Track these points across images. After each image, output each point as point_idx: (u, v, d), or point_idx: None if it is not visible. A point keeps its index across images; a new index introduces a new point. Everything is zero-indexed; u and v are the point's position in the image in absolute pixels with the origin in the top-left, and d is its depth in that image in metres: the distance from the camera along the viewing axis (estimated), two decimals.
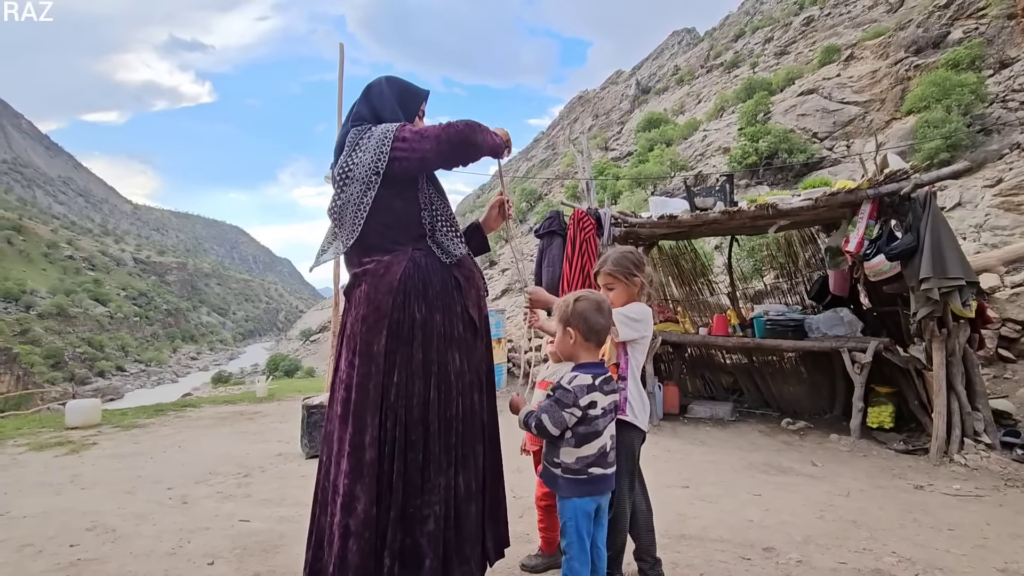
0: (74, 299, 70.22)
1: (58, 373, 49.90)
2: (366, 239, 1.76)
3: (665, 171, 26.87)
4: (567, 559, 1.76)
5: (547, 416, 1.72)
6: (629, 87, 64.74)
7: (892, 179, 4.38)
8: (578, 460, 1.74)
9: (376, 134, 1.74)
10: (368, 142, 1.73)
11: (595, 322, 1.78)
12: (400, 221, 1.77)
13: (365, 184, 1.72)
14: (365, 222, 1.73)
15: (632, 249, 2.27)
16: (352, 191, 1.74)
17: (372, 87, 1.92)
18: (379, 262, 1.75)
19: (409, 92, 1.95)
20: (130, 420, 6.08)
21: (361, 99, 1.90)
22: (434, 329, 1.72)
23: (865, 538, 2.75)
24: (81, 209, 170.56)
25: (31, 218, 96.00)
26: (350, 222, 1.75)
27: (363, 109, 1.87)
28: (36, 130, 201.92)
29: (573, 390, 1.72)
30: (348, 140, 1.78)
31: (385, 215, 1.75)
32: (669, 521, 2.93)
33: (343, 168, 1.75)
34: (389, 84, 1.92)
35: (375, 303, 1.70)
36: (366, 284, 1.74)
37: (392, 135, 1.73)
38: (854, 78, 24.25)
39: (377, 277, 1.73)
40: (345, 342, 1.76)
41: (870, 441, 4.77)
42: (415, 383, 1.68)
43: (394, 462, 1.65)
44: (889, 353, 4.75)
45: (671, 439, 4.98)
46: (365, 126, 1.79)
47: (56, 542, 2.59)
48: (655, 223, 5.50)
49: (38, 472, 3.87)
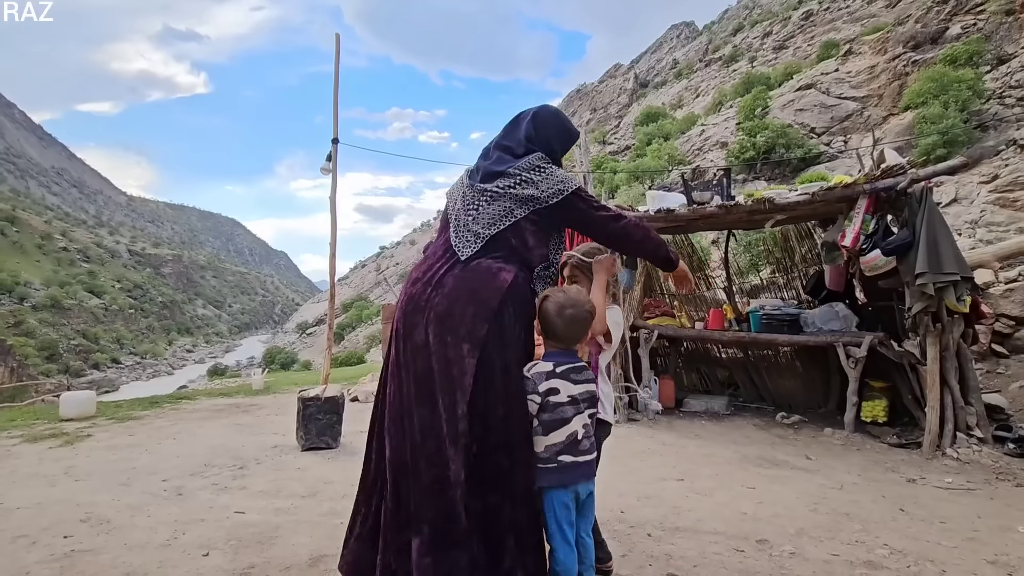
0: (68, 291, 69.90)
1: (53, 365, 49.76)
2: (499, 240, 1.86)
3: (663, 165, 26.85)
4: (552, 551, 1.77)
5: None
6: (627, 81, 64.54)
7: (889, 174, 4.38)
8: (547, 448, 1.76)
9: (559, 177, 1.89)
10: (550, 175, 1.88)
11: (552, 324, 1.81)
12: (530, 247, 1.89)
13: (529, 202, 1.87)
14: (508, 228, 1.86)
15: (599, 246, 2.24)
16: (520, 201, 1.87)
17: (541, 117, 2.05)
18: (494, 263, 1.84)
19: (568, 133, 2.12)
20: (125, 412, 6.07)
21: (531, 123, 2.02)
22: (521, 341, 1.85)
23: (858, 530, 2.77)
24: (75, 200, 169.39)
25: (24, 209, 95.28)
26: (492, 216, 1.88)
27: (533, 134, 2.00)
28: (29, 120, 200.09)
29: (532, 377, 1.76)
30: (529, 159, 1.90)
31: (525, 235, 1.88)
32: (664, 514, 2.95)
33: (521, 180, 1.87)
34: (557, 119, 2.08)
35: (481, 295, 1.78)
36: (475, 275, 1.82)
37: (574, 187, 1.89)
38: (852, 73, 24.25)
39: (490, 273, 1.81)
40: (436, 317, 1.79)
41: (864, 435, 4.80)
42: (506, 380, 1.77)
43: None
44: (884, 348, 4.77)
45: (666, 433, 5.00)
46: (544, 157, 1.93)
47: (50, 533, 2.58)
48: (653, 217, 5.49)
49: (32, 464, 3.86)
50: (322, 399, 4.31)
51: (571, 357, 1.83)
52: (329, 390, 4.45)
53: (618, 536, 2.61)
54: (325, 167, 4.80)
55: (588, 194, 1.95)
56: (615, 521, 2.80)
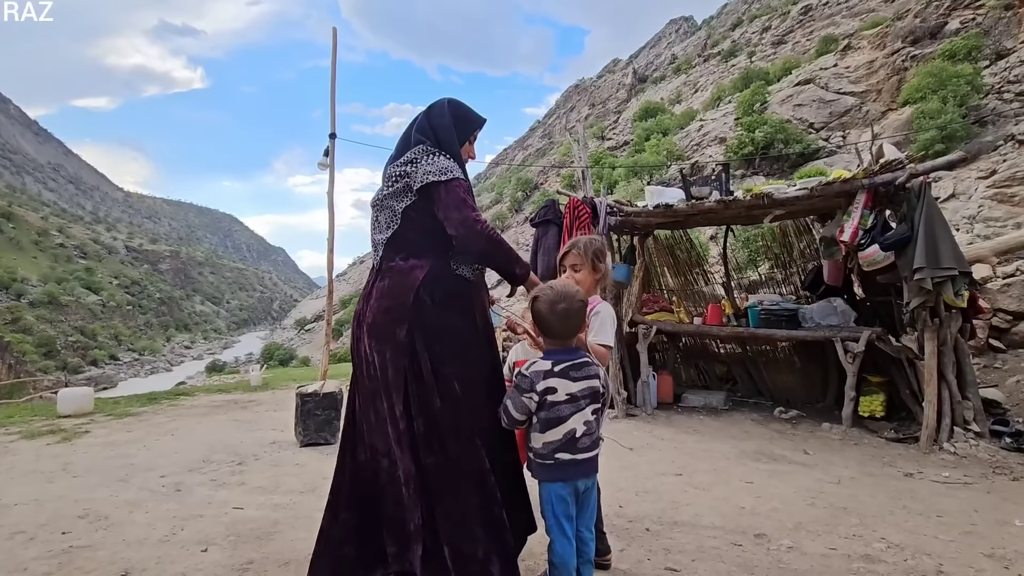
0: (66, 287, 69.66)
1: (51, 362, 49.64)
2: (398, 240, 1.94)
3: (661, 161, 26.82)
4: (550, 543, 1.77)
5: (510, 401, 1.77)
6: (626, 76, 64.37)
7: (887, 169, 4.37)
8: (544, 445, 1.77)
9: (435, 167, 1.89)
10: (424, 164, 1.90)
11: (547, 322, 1.80)
12: (432, 235, 1.92)
13: (407, 193, 1.92)
14: (400, 224, 1.93)
15: (597, 237, 2.32)
16: (400, 194, 1.93)
17: (434, 108, 2.07)
18: (405, 263, 1.92)
19: (465, 119, 2.10)
20: (123, 409, 6.06)
21: (424, 115, 2.07)
22: (450, 328, 1.90)
23: (855, 524, 2.78)
24: (72, 196, 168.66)
25: (21, 205, 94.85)
26: (387, 221, 1.96)
27: (424, 124, 2.04)
28: (25, 116, 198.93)
29: (530, 376, 1.76)
30: (411, 152, 1.94)
31: (423, 225, 1.93)
32: (662, 508, 2.96)
33: (401, 172, 1.92)
34: (450, 107, 2.07)
35: (398, 299, 1.88)
36: (390, 280, 1.92)
37: (444, 178, 1.89)
38: (851, 68, 24.21)
39: (402, 275, 1.90)
40: (367, 329, 1.92)
41: (861, 430, 4.81)
42: (435, 372, 1.84)
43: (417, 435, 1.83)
44: (881, 343, 4.78)
45: (665, 428, 5.01)
46: (429, 147, 1.96)
47: (48, 529, 2.58)
48: (651, 212, 5.48)
49: (30, 460, 3.85)
50: (320, 395, 4.31)
51: (571, 354, 1.81)
52: (327, 386, 4.45)
53: (617, 530, 2.62)
54: (323, 162, 4.78)
55: (460, 190, 1.91)
56: (614, 515, 2.81)
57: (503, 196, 46.57)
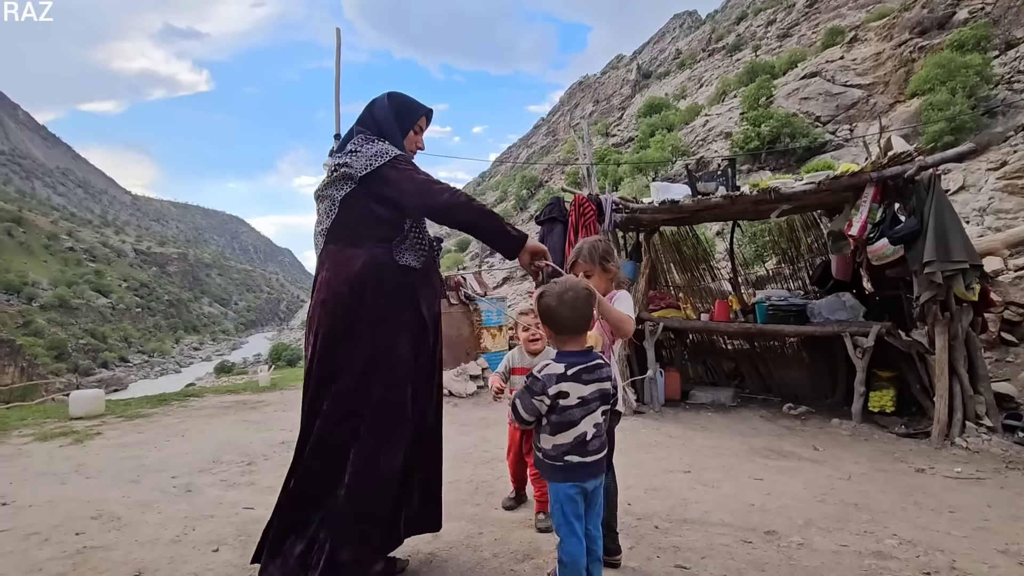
0: (76, 290, 70.36)
1: (62, 364, 50.18)
2: (337, 229, 1.93)
3: (666, 157, 26.69)
4: (560, 542, 1.77)
5: (519, 402, 1.76)
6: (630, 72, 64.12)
7: (896, 162, 4.33)
8: (554, 447, 1.76)
9: (373, 151, 1.90)
10: (364, 151, 1.90)
11: (558, 315, 1.75)
12: (373, 222, 1.91)
13: (347, 183, 1.90)
14: (339, 212, 1.91)
15: (600, 238, 2.34)
16: (339, 182, 1.92)
17: (376, 101, 2.09)
18: (342, 253, 1.91)
19: (406, 108, 2.09)
20: (134, 410, 6.11)
21: (365, 111, 2.08)
22: (387, 318, 1.89)
23: (866, 521, 2.76)
24: (80, 200, 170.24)
25: (31, 210, 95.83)
26: (327, 211, 1.94)
27: (367, 118, 2.06)
28: (33, 120, 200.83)
29: (542, 379, 1.73)
30: (351, 143, 1.96)
31: (360, 213, 1.91)
32: (671, 506, 2.95)
33: (341, 162, 1.91)
34: (390, 99, 2.08)
35: (333, 289, 1.87)
36: (328, 271, 1.92)
37: (387, 158, 1.88)
38: (858, 60, 23.98)
39: (339, 266, 1.89)
40: (308, 323, 1.96)
41: (871, 425, 4.78)
42: (368, 368, 1.86)
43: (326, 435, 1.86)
44: (891, 337, 4.74)
45: (672, 425, 4.99)
46: (369, 135, 1.98)
47: (62, 530, 2.60)
48: (657, 209, 5.46)
49: (43, 462, 3.89)
50: None
51: (584, 356, 1.77)
52: None
53: (625, 528, 2.61)
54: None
55: (406, 164, 1.92)
56: (622, 513, 2.78)
57: (507, 194, 46.53)
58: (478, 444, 4.28)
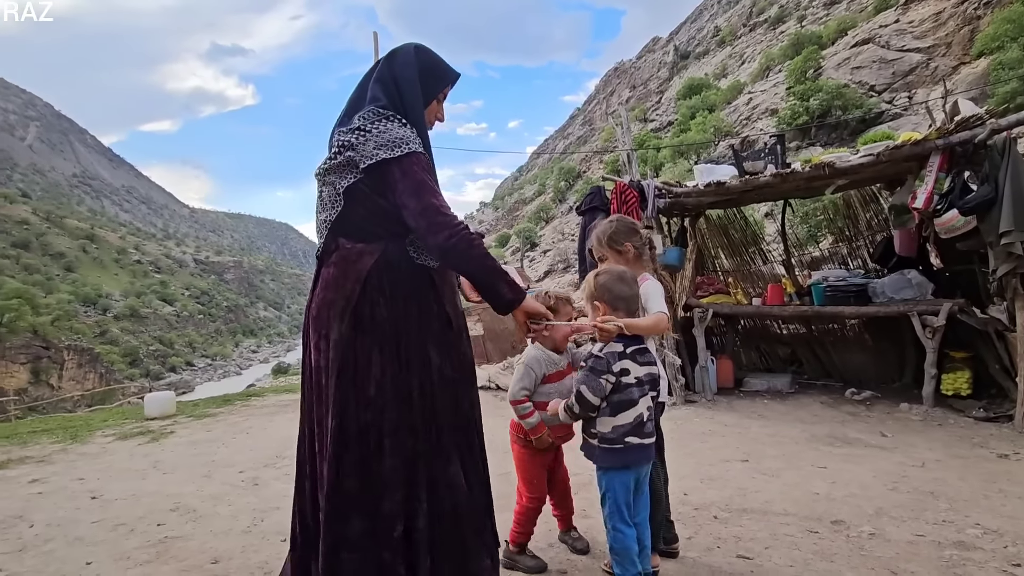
0: (144, 300, 75.15)
1: (135, 370, 53.80)
2: (344, 221, 1.63)
3: (708, 138, 25.87)
4: (611, 530, 1.75)
5: (585, 386, 1.73)
6: (667, 54, 62.41)
7: (965, 127, 4.03)
8: (614, 429, 1.74)
9: (386, 136, 1.55)
10: (374, 132, 1.55)
11: (619, 290, 1.79)
12: (384, 216, 1.61)
13: (351, 171, 1.59)
14: (345, 204, 1.61)
15: (616, 218, 2.25)
16: (343, 169, 1.60)
17: (398, 54, 1.71)
18: (352, 248, 1.63)
19: (435, 72, 1.75)
20: (202, 410, 6.47)
21: (384, 63, 1.71)
22: (408, 323, 1.61)
23: (944, 509, 2.60)
24: (144, 215, 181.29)
25: (101, 227, 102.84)
26: (330, 199, 1.64)
27: (385, 73, 1.69)
28: (99, 144, 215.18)
29: (605, 356, 1.73)
30: (360, 117, 1.60)
31: (370, 205, 1.61)
32: (729, 495, 2.87)
33: (345, 141, 1.57)
34: (417, 55, 1.72)
35: (342, 290, 1.59)
36: (336, 267, 1.63)
37: (399, 153, 1.54)
38: (915, 23, 22.46)
39: (348, 263, 1.61)
40: (311, 323, 1.65)
41: (945, 409, 4.49)
42: (386, 373, 1.58)
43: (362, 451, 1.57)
44: (964, 315, 4.42)
45: (727, 413, 4.85)
46: (382, 109, 1.61)
47: (145, 522, 2.80)
48: (702, 191, 5.29)
49: (124, 459, 4.18)
50: None
51: (635, 339, 1.81)
52: None
53: (683, 518, 2.56)
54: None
55: (418, 168, 1.56)
56: (679, 503, 2.74)
57: (546, 187, 46.32)
58: None
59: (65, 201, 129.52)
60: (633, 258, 2.12)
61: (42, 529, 2.74)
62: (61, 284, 66.80)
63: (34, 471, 3.88)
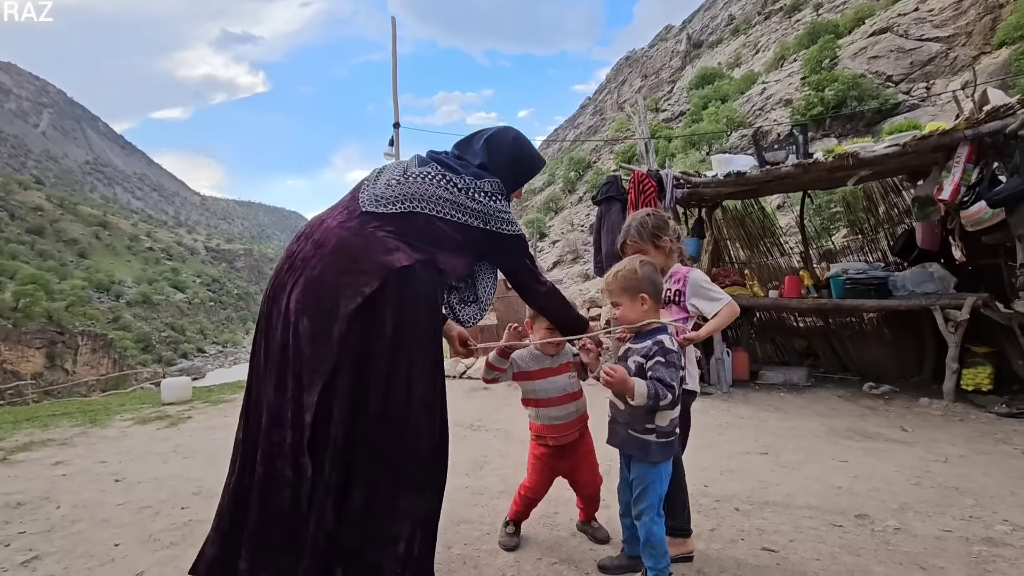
0: (156, 287, 76.00)
1: (148, 356, 54.55)
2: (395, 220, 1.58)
3: (721, 129, 25.58)
4: (649, 523, 1.73)
5: (669, 377, 1.67)
6: (680, 43, 61.61)
7: (995, 116, 3.93)
8: (671, 422, 1.75)
9: (511, 216, 1.73)
10: (502, 209, 1.70)
11: (659, 283, 1.82)
12: (437, 240, 1.62)
13: (467, 215, 1.65)
14: (416, 214, 1.60)
15: (650, 211, 2.20)
16: (458, 211, 1.64)
17: (496, 141, 1.80)
18: (387, 237, 1.55)
19: (529, 163, 1.88)
20: (217, 396, 6.54)
21: (484, 136, 1.81)
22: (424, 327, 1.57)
23: (971, 505, 2.57)
24: (156, 203, 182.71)
25: (114, 214, 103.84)
26: (400, 197, 1.62)
27: (479, 146, 1.78)
28: (112, 131, 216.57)
29: (676, 350, 1.72)
30: (491, 184, 1.69)
31: (439, 235, 1.62)
32: (751, 488, 2.85)
33: (475, 188, 1.66)
34: (515, 146, 1.83)
35: (364, 263, 1.49)
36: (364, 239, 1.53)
37: (518, 233, 1.77)
38: (935, 11, 22.00)
39: (379, 243, 1.53)
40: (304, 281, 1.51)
41: (966, 404, 4.43)
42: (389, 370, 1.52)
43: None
44: (988, 309, 4.35)
45: (743, 406, 4.82)
46: (498, 187, 1.71)
47: (169, 504, 2.83)
48: (721, 182, 5.23)
49: (145, 443, 4.23)
50: None
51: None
52: None
53: (704, 510, 2.55)
54: (388, 152, 4.89)
55: (527, 249, 1.85)
56: (699, 495, 2.73)
57: (556, 177, 46.07)
58: None
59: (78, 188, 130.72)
60: (668, 252, 2.10)
61: (68, 510, 2.78)
62: (75, 270, 67.68)
63: (57, 453, 3.94)
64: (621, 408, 1.78)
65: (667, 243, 2.10)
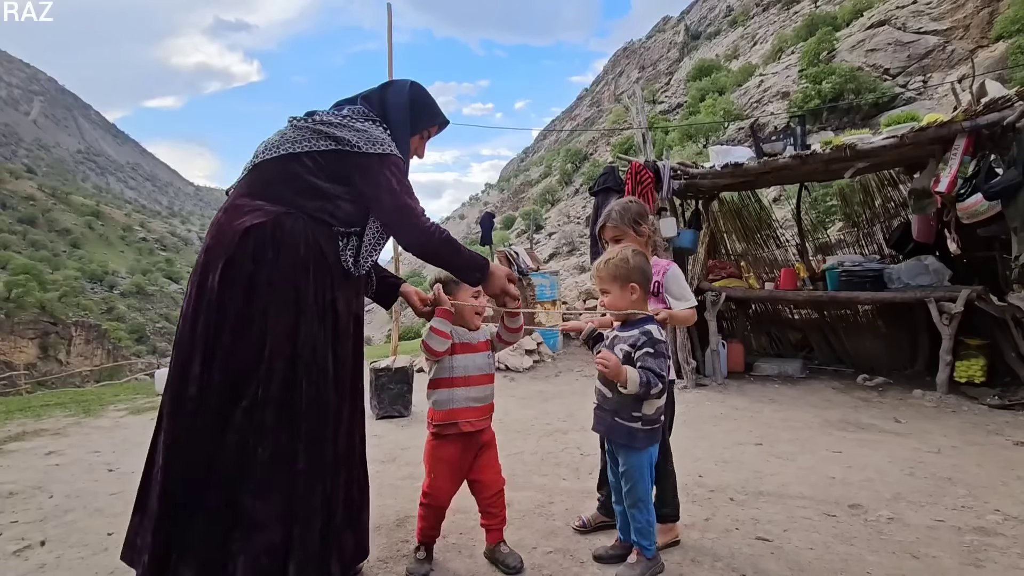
0: (150, 278, 75.57)
1: (142, 346, 54.30)
2: (256, 177, 1.65)
3: (718, 121, 25.53)
4: (640, 510, 1.74)
5: (658, 367, 1.68)
6: (677, 34, 61.32)
7: (993, 108, 3.92)
8: (657, 410, 1.76)
9: (372, 134, 1.63)
10: (359, 128, 1.62)
11: (650, 274, 1.83)
12: (301, 188, 1.61)
13: (317, 139, 1.60)
14: (274, 160, 1.62)
15: (633, 199, 2.25)
16: (301, 140, 1.61)
17: (393, 86, 1.85)
18: (250, 202, 1.60)
19: (426, 107, 1.86)
20: None
21: (382, 86, 1.85)
22: (298, 298, 1.58)
23: (963, 495, 2.59)
24: (149, 193, 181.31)
25: (107, 204, 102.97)
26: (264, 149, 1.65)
27: (375, 97, 1.80)
28: (104, 120, 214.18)
29: (664, 339, 1.72)
30: (348, 112, 1.69)
31: (299, 178, 1.60)
32: (745, 478, 2.86)
33: (323, 120, 1.63)
34: (412, 89, 1.84)
35: (220, 239, 1.56)
36: (225, 214, 1.61)
37: (385, 151, 1.62)
38: (933, 4, 21.96)
39: (237, 213, 1.58)
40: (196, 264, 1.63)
41: (959, 396, 4.46)
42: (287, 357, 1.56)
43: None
44: (982, 302, 4.37)
45: (738, 397, 4.84)
46: (370, 113, 1.71)
47: None
48: (718, 173, 5.21)
49: (139, 433, 4.20)
50: (392, 369, 4.44)
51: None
52: (398, 361, 4.57)
53: (699, 500, 2.56)
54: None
55: (398, 170, 1.65)
56: (694, 485, 2.75)
57: (552, 169, 45.96)
58: (539, 417, 4.30)
59: (70, 177, 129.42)
60: (646, 241, 2.11)
61: (61, 500, 2.76)
62: (68, 260, 67.19)
63: (50, 443, 3.91)
64: (609, 396, 1.78)
65: (646, 230, 2.12)
